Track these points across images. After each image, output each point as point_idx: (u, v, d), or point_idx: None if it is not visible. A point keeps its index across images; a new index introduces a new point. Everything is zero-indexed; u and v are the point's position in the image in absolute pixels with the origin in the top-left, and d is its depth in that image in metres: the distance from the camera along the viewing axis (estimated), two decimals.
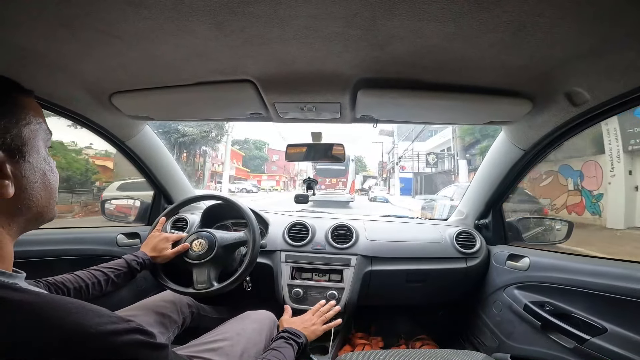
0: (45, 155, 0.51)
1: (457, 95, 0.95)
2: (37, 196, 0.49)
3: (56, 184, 0.54)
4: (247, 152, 48.39)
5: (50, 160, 0.53)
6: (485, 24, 0.63)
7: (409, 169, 24.51)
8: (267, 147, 53.36)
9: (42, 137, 0.51)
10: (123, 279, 0.99)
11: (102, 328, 0.39)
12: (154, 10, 0.61)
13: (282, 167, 51.33)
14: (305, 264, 1.51)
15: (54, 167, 0.54)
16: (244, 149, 47.81)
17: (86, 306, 0.41)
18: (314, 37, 0.70)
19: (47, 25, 0.67)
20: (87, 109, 1.13)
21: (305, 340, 1.01)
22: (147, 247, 1.12)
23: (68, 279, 0.88)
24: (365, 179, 36.54)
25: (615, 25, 0.61)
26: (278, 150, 51.58)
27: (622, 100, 0.82)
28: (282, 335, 0.97)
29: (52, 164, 0.53)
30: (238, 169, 36.98)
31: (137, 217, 1.72)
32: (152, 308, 1.08)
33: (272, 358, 0.84)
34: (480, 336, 1.51)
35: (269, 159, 52.96)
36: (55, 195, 0.53)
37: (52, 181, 0.52)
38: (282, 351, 0.89)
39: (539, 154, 1.24)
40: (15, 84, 0.49)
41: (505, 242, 1.56)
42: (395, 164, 22.40)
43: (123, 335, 0.41)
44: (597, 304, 0.96)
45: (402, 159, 22.77)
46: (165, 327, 1.07)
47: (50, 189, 0.52)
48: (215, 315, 1.36)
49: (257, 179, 42.29)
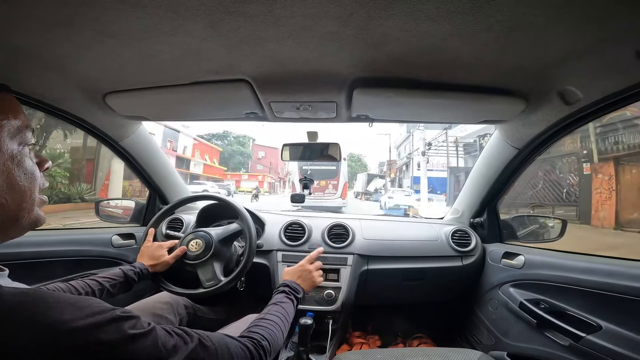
0: (13, 153, 0.46)
1: (452, 94, 0.95)
2: (1, 200, 0.44)
3: (30, 185, 0.49)
4: (229, 148, 41.52)
5: (25, 160, 0.48)
6: (479, 23, 0.63)
7: (434, 166, 17.91)
8: (251, 142, 45.94)
9: (9, 135, 0.46)
10: (119, 289, 0.97)
11: (81, 322, 0.38)
12: (149, 10, 0.61)
13: (268, 166, 44.42)
14: None
15: (29, 167, 0.49)
16: (224, 145, 40.87)
17: (67, 299, 0.40)
18: (309, 36, 0.70)
19: (41, 25, 0.66)
20: (81, 109, 1.12)
21: (303, 294, 1.01)
22: (143, 258, 1.10)
23: (61, 287, 0.85)
24: (371, 179, 29.46)
25: (607, 24, 0.62)
26: (265, 147, 46.28)
27: (614, 99, 0.83)
28: (284, 290, 0.96)
29: (26, 163, 0.48)
30: (209, 167, 30.01)
31: (132, 218, 1.71)
32: (149, 310, 1.07)
33: (274, 312, 0.82)
34: (477, 334, 1.52)
35: (253, 156, 45.47)
36: (28, 197, 0.48)
37: (21, 182, 0.47)
38: (284, 306, 0.88)
39: (532, 152, 1.25)
40: None
41: (500, 240, 1.57)
42: (423, 153, 14.29)
43: (104, 327, 0.40)
44: (591, 302, 0.97)
45: (431, 147, 15.94)
46: None
47: (20, 191, 0.47)
48: (213, 315, 1.36)
49: (236, 179, 35.70)
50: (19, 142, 0.48)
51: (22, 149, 0.48)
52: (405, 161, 25.01)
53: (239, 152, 42.62)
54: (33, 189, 0.49)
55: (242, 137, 44.44)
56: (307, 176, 1.96)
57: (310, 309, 1.43)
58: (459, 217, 1.72)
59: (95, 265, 1.33)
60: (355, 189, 29.75)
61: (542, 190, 9.81)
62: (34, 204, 0.50)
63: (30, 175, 0.49)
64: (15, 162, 0.46)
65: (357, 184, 30.88)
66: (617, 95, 0.82)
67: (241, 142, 43.78)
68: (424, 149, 14.54)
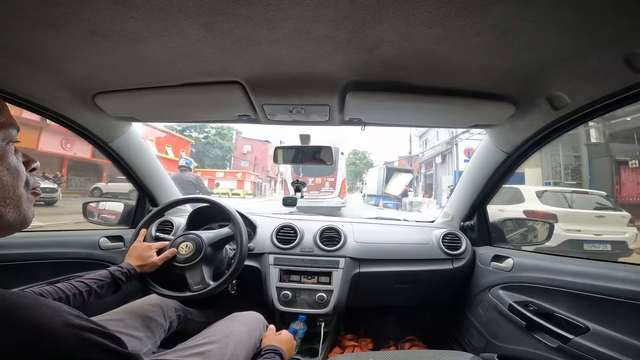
0: None
1: (443, 99, 0.97)
2: None
3: (13, 181, 0.48)
4: (207, 139, 32.78)
5: (8, 156, 0.48)
6: (471, 28, 0.64)
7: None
8: (234, 134, 36.07)
9: None
10: (107, 290, 0.94)
11: (55, 322, 0.37)
12: (141, 10, 0.60)
13: (254, 162, 34.63)
14: (294, 267, 1.50)
15: (13, 162, 0.49)
16: (200, 139, 32.49)
17: (40, 301, 0.38)
18: (303, 39, 0.70)
19: (31, 25, 0.65)
20: (69, 109, 1.10)
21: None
22: (130, 258, 1.07)
23: (47, 290, 0.82)
24: (391, 175, 17.72)
25: (595, 30, 0.64)
26: (251, 140, 36.44)
27: (601, 104, 0.85)
28: (270, 357, 0.95)
29: (9, 159, 0.48)
30: (163, 160, 18.53)
31: (120, 220, 1.68)
32: (138, 312, 1.06)
33: None
34: (468, 336, 1.53)
35: (236, 151, 35.88)
36: (12, 193, 0.48)
37: (3, 177, 0.47)
38: None
39: (521, 156, 1.27)
40: None
41: (489, 243, 1.59)
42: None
43: (81, 332, 0.38)
44: (579, 304, 0.99)
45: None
46: (151, 331, 1.05)
47: (2, 186, 0.46)
48: (203, 319, 1.34)
49: (209, 178, 25.98)
50: (2, 138, 0.48)
51: (5, 144, 0.49)
52: (440, 150, 18.10)
53: (218, 146, 33.09)
54: (17, 184, 0.49)
55: (223, 129, 34.83)
56: (301, 174, 1.96)
57: (302, 312, 1.42)
58: (449, 220, 1.73)
59: (82, 268, 1.30)
60: (367, 191, 21.06)
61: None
62: (20, 200, 0.50)
63: (14, 170, 0.49)
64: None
65: (369, 183, 21.25)
66: (603, 100, 0.84)
67: (222, 135, 34.28)
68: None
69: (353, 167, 44.75)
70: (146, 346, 1.00)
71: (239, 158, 35.46)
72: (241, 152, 36.02)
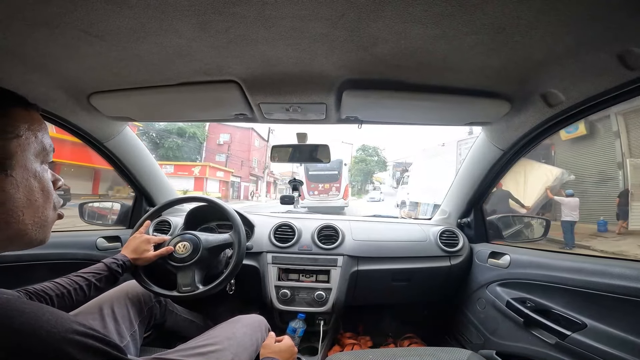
0: (36, 171, 0.49)
1: (439, 97, 0.97)
2: (18, 213, 0.46)
3: (44, 203, 0.50)
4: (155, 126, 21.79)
5: (45, 178, 0.50)
6: (466, 26, 0.64)
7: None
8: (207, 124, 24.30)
9: (35, 152, 0.49)
10: (105, 282, 0.96)
11: (58, 329, 0.37)
12: (136, 9, 0.60)
13: (227, 154, 25.40)
14: (292, 265, 1.50)
15: (47, 185, 0.51)
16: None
17: (43, 308, 0.39)
18: (299, 38, 0.70)
19: (25, 24, 0.64)
20: (64, 109, 1.10)
21: None
22: (127, 250, 1.08)
23: (49, 286, 0.84)
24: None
25: (589, 28, 0.64)
26: (230, 127, 25.24)
27: (595, 101, 0.86)
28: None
29: (46, 182, 0.50)
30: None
31: (117, 220, 1.68)
32: (112, 303, 1.03)
33: None
34: (466, 333, 1.54)
35: (207, 143, 25.48)
36: (41, 213, 0.50)
37: (38, 200, 0.49)
38: None
39: (517, 153, 1.28)
40: (9, 94, 0.48)
41: (486, 240, 1.60)
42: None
43: (83, 338, 0.39)
44: (576, 300, 0.99)
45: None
46: (129, 321, 1.03)
47: (36, 207, 0.48)
48: (187, 315, 1.34)
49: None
50: (42, 160, 0.51)
51: (43, 167, 0.51)
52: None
53: (178, 132, 23.23)
54: (47, 206, 0.51)
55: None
56: (312, 173, 1.96)
57: (301, 310, 1.43)
58: (446, 217, 1.74)
59: (79, 269, 1.29)
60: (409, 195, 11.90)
61: None
62: (47, 221, 0.51)
63: (46, 192, 0.51)
64: (37, 180, 0.49)
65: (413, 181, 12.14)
66: (597, 97, 0.84)
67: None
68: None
69: (363, 164, 40.72)
70: (125, 338, 0.98)
71: (213, 150, 25.94)
72: (217, 142, 26.40)
